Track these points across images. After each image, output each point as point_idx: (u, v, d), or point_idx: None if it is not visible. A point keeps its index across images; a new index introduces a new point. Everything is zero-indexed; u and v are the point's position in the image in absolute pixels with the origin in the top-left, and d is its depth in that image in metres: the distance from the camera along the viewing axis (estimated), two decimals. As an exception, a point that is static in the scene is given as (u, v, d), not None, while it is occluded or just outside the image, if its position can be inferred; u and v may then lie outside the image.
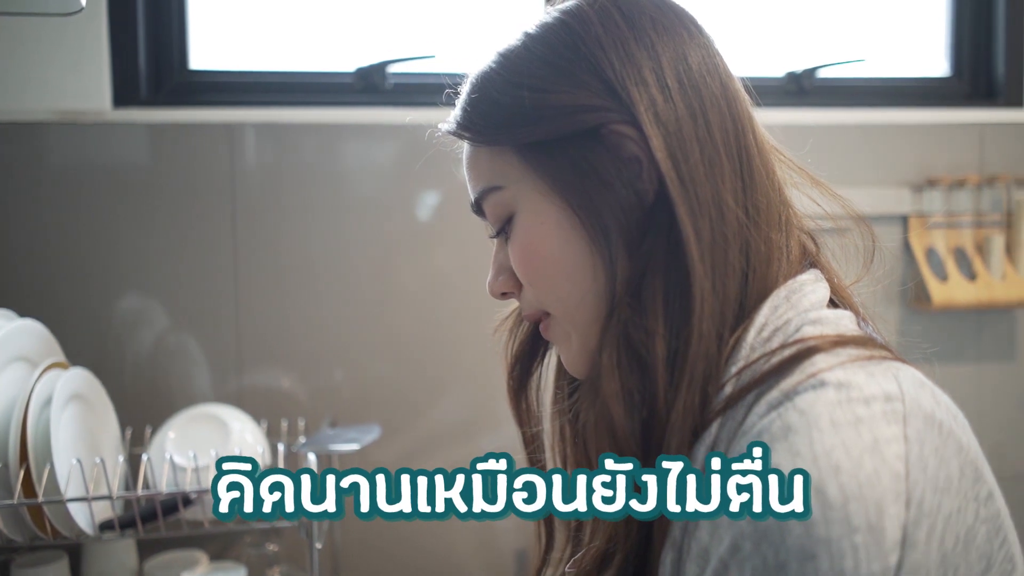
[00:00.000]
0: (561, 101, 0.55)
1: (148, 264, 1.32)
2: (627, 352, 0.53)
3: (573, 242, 0.56)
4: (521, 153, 0.57)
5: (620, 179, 0.54)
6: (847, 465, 0.43)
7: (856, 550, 0.41)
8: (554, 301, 0.59)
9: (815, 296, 0.55)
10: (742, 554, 0.44)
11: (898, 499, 0.43)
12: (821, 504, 0.42)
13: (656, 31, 0.56)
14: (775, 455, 0.45)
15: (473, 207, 0.64)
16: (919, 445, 0.45)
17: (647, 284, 0.53)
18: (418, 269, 1.39)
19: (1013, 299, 1.51)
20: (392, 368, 1.38)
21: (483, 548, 1.42)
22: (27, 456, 0.98)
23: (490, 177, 0.60)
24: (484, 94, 0.59)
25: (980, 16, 1.60)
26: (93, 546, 1.18)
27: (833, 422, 0.45)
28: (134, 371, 1.32)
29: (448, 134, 0.64)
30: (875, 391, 0.46)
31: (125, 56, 1.33)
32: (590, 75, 0.55)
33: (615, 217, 0.54)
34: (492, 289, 0.64)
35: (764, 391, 0.49)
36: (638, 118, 0.54)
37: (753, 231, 0.54)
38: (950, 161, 1.53)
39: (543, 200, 0.57)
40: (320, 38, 1.46)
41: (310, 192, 1.36)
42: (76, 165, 1.30)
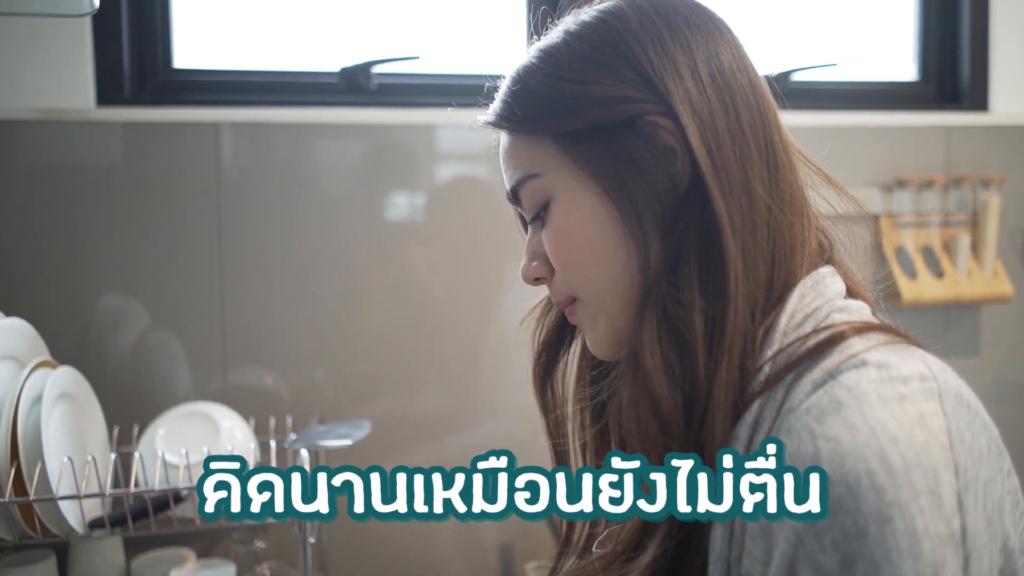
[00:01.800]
0: (600, 92, 0.58)
1: (133, 263, 1.32)
2: (667, 327, 0.55)
3: (608, 227, 0.59)
4: (559, 142, 0.60)
5: (656, 167, 0.57)
6: (903, 435, 0.46)
7: (923, 512, 0.44)
8: (585, 284, 0.61)
9: (836, 288, 0.59)
10: (817, 526, 0.45)
11: (948, 467, 0.46)
12: (887, 471, 0.44)
13: (690, 29, 0.60)
14: (830, 427, 0.47)
15: (509, 195, 0.66)
16: (956, 420, 0.48)
17: (683, 264, 0.56)
18: (402, 267, 1.41)
19: (978, 296, 1.56)
20: (376, 365, 1.39)
21: (467, 543, 1.44)
22: (17, 455, 0.98)
23: (528, 165, 0.62)
24: (524, 86, 0.62)
25: (946, 23, 1.65)
26: (80, 545, 1.18)
27: (881, 397, 0.47)
28: (120, 370, 1.32)
29: (487, 125, 0.65)
30: (910, 371, 0.50)
31: (109, 54, 1.33)
32: (628, 69, 0.58)
33: (650, 203, 0.57)
34: (526, 274, 0.66)
35: (803, 371, 0.52)
36: (675, 109, 0.57)
37: (779, 218, 0.58)
38: (918, 162, 1.58)
39: (580, 187, 0.60)
40: (305, 38, 1.47)
41: (294, 191, 1.37)
42: (59, 164, 1.30)
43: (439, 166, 1.42)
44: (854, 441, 0.45)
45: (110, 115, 1.31)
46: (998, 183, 1.57)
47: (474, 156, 1.43)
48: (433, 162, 1.42)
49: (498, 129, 0.65)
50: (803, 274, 0.58)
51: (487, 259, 1.42)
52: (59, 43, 1.29)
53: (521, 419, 1.42)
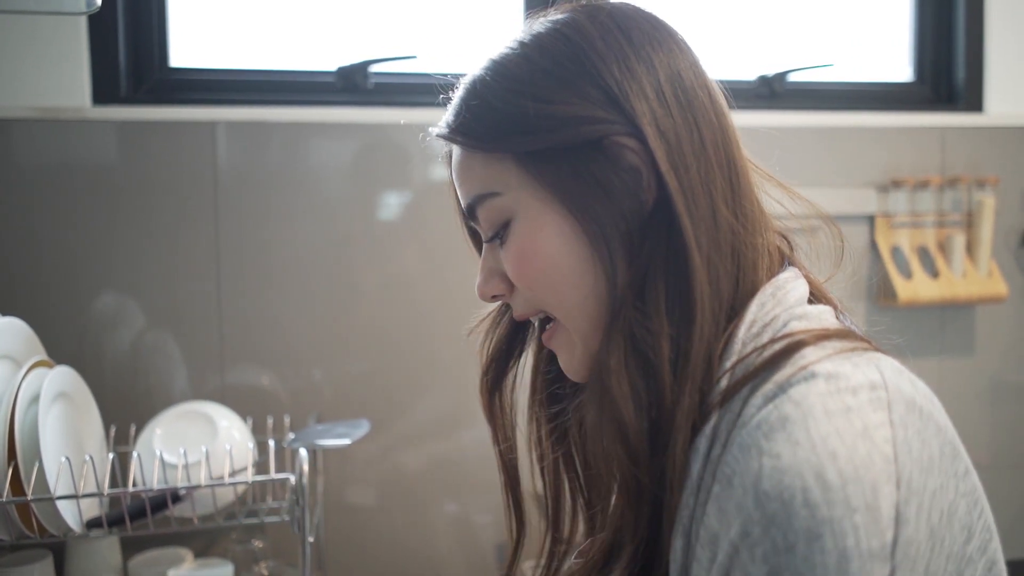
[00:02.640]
0: (564, 112, 0.56)
1: (129, 262, 1.32)
2: (634, 353, 0.55)
3: (574, 248, 0.58)
4: (520, 161, 0.58)
5: (622, 188, 0.56)
6: (842, 451, 0.46)
7: (856, 529, 0.44)
8: (557, 304, 0.60)
9: (797, 293, 0.58)
10: (752, 538, 0.46)
11: (890, 480, 0.46)
12: (822, 487, 0.45)
13: (651, 46, 0.59)
14: (775, 444, 0.47)
15: (465, 212, 0.64)
16: (903, 429, 0.48)
17: (649, 288, 0.55)
18: (399, 267, 1.41)
19: (973, 296, 1.57)
20: (373, 364, 1.39)
21: (464, 542, 1.44)
22: (15, 454, 0.98)
23: (486, 183, 0.60)
24: (483, 101, 0.60)
25: (941, 25, 1.66)
26: (77, 545, 1.18)
27: (826, 411, 0.47)
28: (117, 369, 1.31)
29: (441, 138, 0.64)
30: (860, 380, 0.49)
31: (105, 53, 1.33)
32: (593, 87, 0.57)
33: (616, 225, 0.56)
34: (483, 292, 0.65)
35: (758, 384, 0.52)
36: (642, 130, 0.56)
37: (742, 236, 0.57)
38: (914, 163, 1.59)
39: (543, 207, 0.58)
40: (301, 38, 1.46)
41: (292, 191, 1.36)
42: (55, 162, 1.29)
43: (436, 165, 1.42)
44: (794, 457, 0.46)
45: (106, 114, 1.30)
46: (993, 183, 1.58)
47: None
48: (430, 161, 1.42)
49: (452, 143, 0.63)
50: (764, 281, 0.58)
51: (484, 259, 1.42)
52: (55, 42, 1.28)
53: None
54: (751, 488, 0.47)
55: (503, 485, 0.72)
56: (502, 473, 0.72)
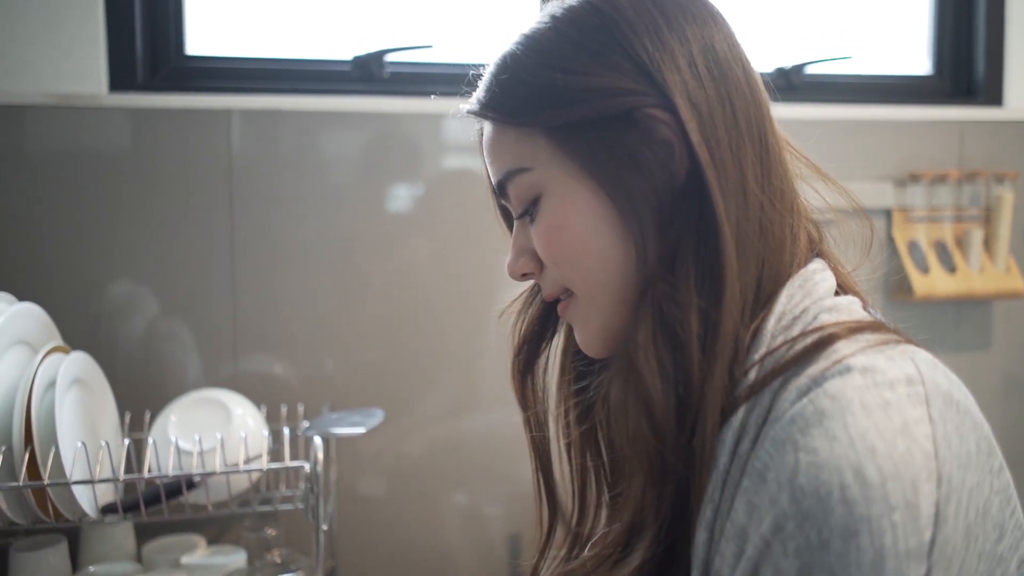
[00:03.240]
0: (595, 84, 0.55)
1: (144, 250, 1.32)
2: (662, 327, 0.54)
3: (604, 224, 0.57)
4: (551, 135, 0.57)
5: (653, 162, 0.55)
6: (882, 447, 0.45)
7: (895, 527, 0.43)
8: (579, 281, 0.59)
9: (826, 284, 0.57)
10: (785, 533, 0.45)
11: (930, 477, 0.45)
12: (861, 485, 0.44)
13: (685, 17, 0.58)
14: (812, 439, 0.46)
15: (495, 189, 0.63)
16: (942, 424, 0.47)
17: (679, 262, 0.54)
18: (412, 257, 1.40)
19: (990, 291, 1.56)
20: (385, 353, 1.39)
21: (475, 534, 1.44)
22: (31, 439, 0.98)
23: (517, 159, 0.60)
24: (513, 75, 0.59)
25: (961, 17, 1.64)
26: (91, 530, 1.19)
27: (864, 406, 0.46)
28: (131, 356, 1.32)
29: (472, 115, 0.63)
30: (897, 374, 0.48)
31: (121, 40, 1.33)
32: (624, 59, 0.56)
33: (647, 200, 0.55)
34: (513, 270, 0.64)
35: (790, 377, 0.51)
36: (673, 102, 0.55)
37: (771, 214, 0.56)
38: (931, 157, 1.57)
39: (573, 182, 0.57)
40: (317, 26, 1.46)
41: (306, 179, 1.36)
42: (72, 149, 1.29)
43: (449, 156, 1.42)
44: (832, 453, 0.45)
45: (122, 101, 1.30)
46: (1012, 178, 1.57)
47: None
48: (443, 152, 1.42)
49: (483, 119, 0.62)
50: (792, 271, 0.57)
51: (495, 249, 1.42)
52: (72, 28, 1.28)
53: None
54: (786, 483, 0.46)
55: (534, 470, 0.71)
56: (534, 457, 0.71)
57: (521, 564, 1.44)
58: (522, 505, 1.44)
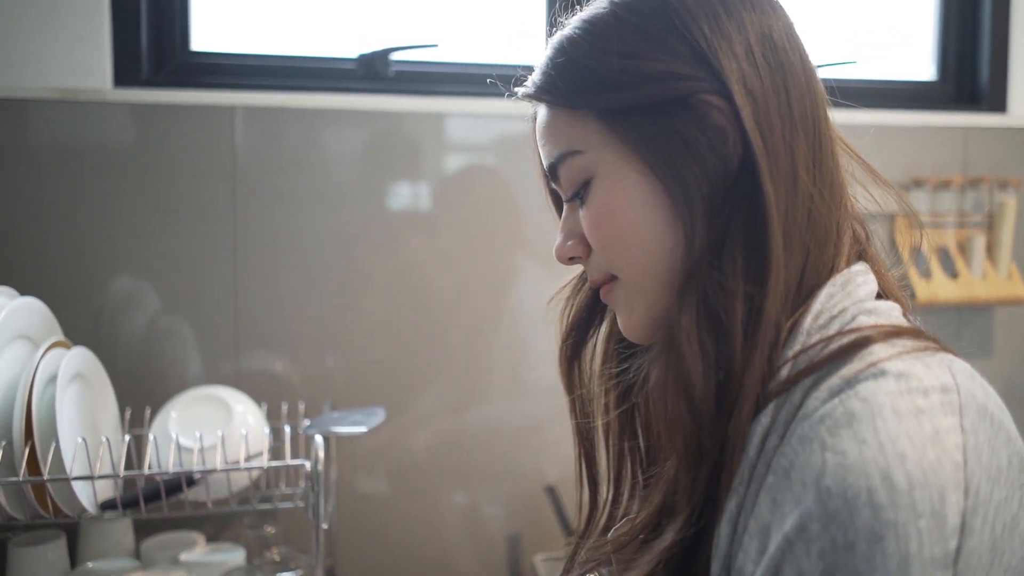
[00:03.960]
0: (651, 68, 0.55)
1: (146, 246, 1.31)
2: (707, 312, 0.54)
3: (654, 208, 0.57)
4: (604, 118, 0.57)
5: (706, 148, 0.55)
6: (912, 453, 0.45)
7: (920, 534, 0.43)
8: (626, 266, 0.59)
9: (868, 287, 0.57)
10: (809, 534, 0.45)
11: (958, 487, 0.45)
12: (888, 489, 0.44)
13: (744, 5, 0.57)
14: (840, 441, 0.46)
15: (547, 172, 0.63)
16: (974, 436, 0.47)
17: (727, 249, 0.54)
18: (414, 255, 1.40)
19: (992, 297, 1.56)
20: (387, 351, 1.39)
21: (475, 534, 1.43)
22: (32, 434, 0.98)
23: (570, 141, 0.60)
24: (570, 59, 0.59)
25: (966, 24, 1.64)
26: (90, 526, 1.18)
27: (895, 411, 0.46)
28: (132, 352, 1.31)
29: (526, 98, 0.63)
30: (932, 382, 0.48)
31: (126, 35, 1.32)
32: (681, 44, 0.55)
33: (698, 186, 0.55)
34: (560, 253, 0.64)
35: (823, 377, 0.50)
36: (729, 88, 0.55)
37: (820, 207, 0.56)
38: (935, 163, 1.57)
39: (625, 166, 0.57)
40: (322, 24, 1.46)
41: (310, 177, 1.36)
42: (75, 144, 1.29)
43: (452, 155, 1.42)
44: (860, 456, 0.45)
45: (126, 96, 1.30)
46: (1015, 185, 1.57)
47: (492, 146, 1.43)
48: (446, 151, 1.41)
49: (537, 102, 0.62)
50: (836, 268, 0.57)
51: (497, 247, 1.42)
52: (77, 23, 1.28)
53: (536, 404, 1.42)
54: (812, 483, 0.45)
55: (577, 455, 0.71)
56: (577, 443, 0.71)
57: (521, 564, 1.44)
58: (522, 504, 1.44)
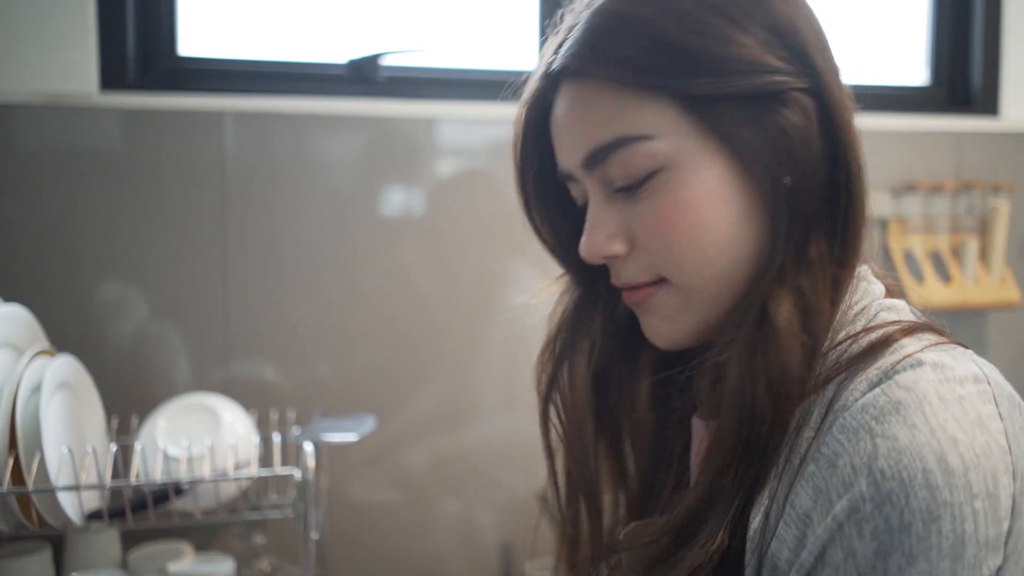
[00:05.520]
0: (747, 55, 0.52)
1: (134, 252, 1.30)
2: (802, 309, 0.53)
3: (735, 206, 0.54)
4: (686, 103, 0.53)
5: (799, 146, 0.53)
6: (963, 437, 0.45)
7: (976, 515, 0.44)
8: (692, 268, 0.55)
9: (879, 285, 0.58)
10: (861, 514, 0.45)
11: (1007, 470, 0.46)
12: (944, 471, 0.44)
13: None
14: (890, 426, 0.46)
15: (586, 160, 0.56)
16: (1011, 423, 0.48)
17: (811, 250, 0.53)
18: (406, 261, 1.39)
19: (986, 302, 1.56)
20: (379, 358, 1.38)
21: (467, 541, 1.42)
22: (16, 444, 0.96)
23: (637, 125, 0.53)
24: (642, 31, 0.53)
25: (958, 28, 1.64)
26: (76, 537, 1.16)
27: (941, 398, 0.47)
28: (119, 359, 1.30)
29: (568, 71, 0.55)
30: (965, 372, 0.49)
31: (113, 40, 1.31)
32: (770, 33, 0.53)
33: (786, 183, 0.53)
34: (600, 250, 0.57)
35: (856, 371, 0.51)
36: (825, 87, 0.54)
37: (866, 204, 0.57)
38: (928, 167, 1.57)
39: (708, 158, 0.53)
40: (313, 29, 1.45)
41: (299, 182, 1.35)
42: (61, 149, 1.27)
43: (444, 159, 1.41)
44: (913, 439, 0.45)
45: (113, 101, 1.29)
46: (1008, 189, 1.57)
47: (484, 150, 1.42)
48: (439, 155, 1.40)
49: (586, 77, 0.55)
50: None
51: (490, 252, 1.41)
52: (63, 27, 1.26)
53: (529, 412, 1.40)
54: (863, 467, 0.46)
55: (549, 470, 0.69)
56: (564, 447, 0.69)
57: (514, 572, 1.42)
58: (515, 513, 1.43)
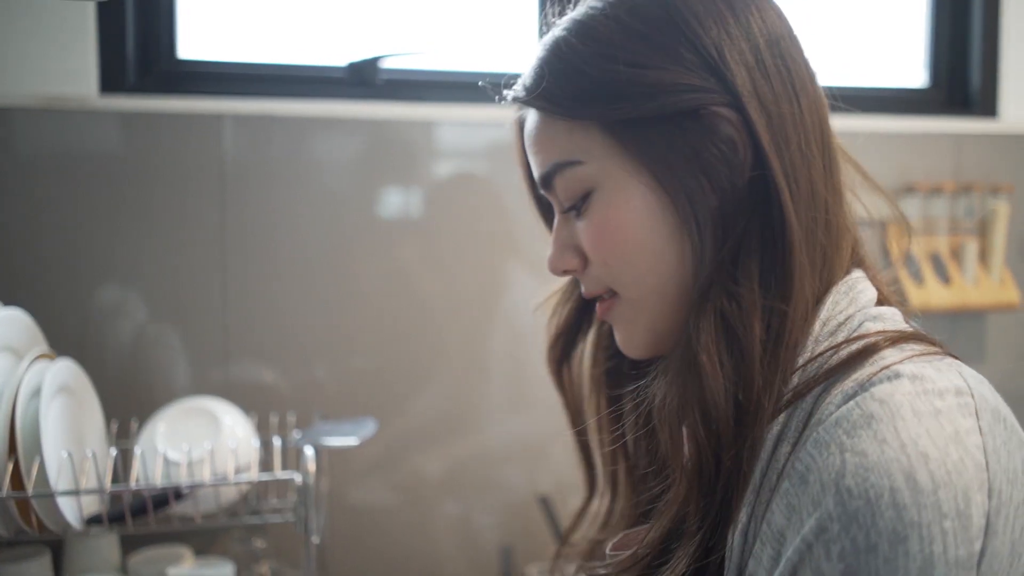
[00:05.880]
0: (660, 79, 0.53)
1: (133, 255, 1.29)
2: (725, 331, 0.52)
3: (660, 223, 0.55)
4: (609, 129, 0.55)
5: (718, 161, 0.53)
6: (935, 453, 0.44)
7: (945, 535, 0.42)
8: (630, 282, 0.57)
9: (869, 294, 0.56)
10: (829, 535, 0.44)
11: (982, 488, 0.44)
12: (912, 490, 0.43)
13: (749, 8, 0.55)
14: (859, 441, 0.45)
15: (540, 181, 0.60)
16: (992, 438, 0.46)
17: (742, 266, 0.53)
18: (405, 264, 1.39)
19: (985, 303, 1.56)
20: (377, 362, 1.37)
21: (467, 544, 1.42)
22: (15, 449, 0.96)
23: (568, 151, 0.57)
24: (569, 64, 0.56)
25: (957, 30, 1.64)
26: (75, 541, 1.16)
27: (915, 411, 0.45)
28: (119, 362, 1.29)
29: (518, 102, 0.59)
30: (946, 384, 0.48)
31: (113, 42, 1.30)
32: (690, 52, 0.53)
33: (708, 200, 0.53)
34: (555, 266, 0.62)
35: (834, 382, 0.50)
36: (742, 101, 0.53)
37: (834, 214, 0.55)
38: (927, 168, 1.57)
39: (630, 179, 0.55)
40: (312, 31, 1.45)
41: (299, 185, 1.34)
42: (60, 152, 1.27)
43: (444, 162, 1.41)
44: (882, 456, 0.44)
45: (112, 104, 1.28)
46: (1007, 191, 1.57)
47: (483, 153, 1.41)
48: (439, 158, 1.40)
49: (532, 108, 0.59)
50: (839, 276, 0.56)
51: (489, 255, 1.41)
52: (62, 29, 1.26)
53: (529, 413, 1.41)
54: (831, 484, 0.44)
55: (577, 449, 0.72)
56: (575, 439, 0.72)
57: (514, 575, 1.42)
58: (515, 515, 1.42)
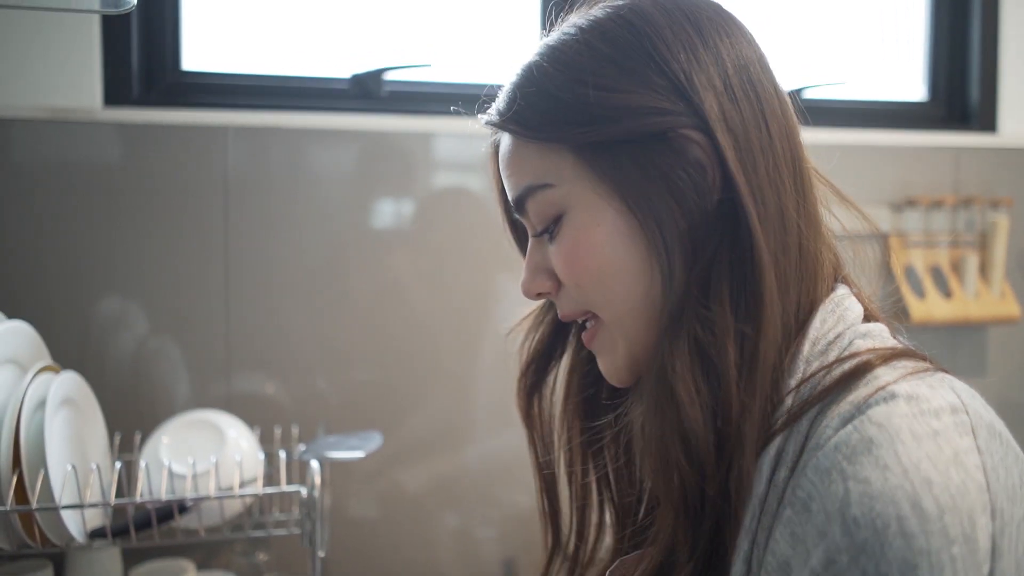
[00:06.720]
0: (629, 102, 0.54)
1: (137, 266, 1.29)
2: (699, 357, 0.52)
3: (631, 246, 0.55)
4: (578, 152, 0.55)
5: (686, 184, 0.53)
6: (937, 478, 0.43)
7: (954, 561, 0.42)
8: (604, 303, 0.57)
9: (856, 310, 0.56)
10: (838, 567, 0.43)
11: (985, 510, 0.43)
12: (919, 517, 0.42)
13: (719, 34, 0.56)
14: (862, 468, 0.44)
15: (513, 204, 0.61)
16: (990, 456, 0.46)
17: (713, 289, 0.52)
18: (408, 277, 1.39)
19: (986, 316, 1.56)
20: (378, 374, 1.37)
21: (469, 557, 1.41)
22: (19, 462, 0.95)
23: (540, 174, 0.57)
24: (540, 88, 0.56)
25: (956, 44, 1.66)
26: (77, 555, 1.15)
27: (914, 434, 0.45)
28: (121, 375, 1.29)
29: (491, 126, 0.60)
30: (941, 403, 0.47)
31: (117, 54, 1.31)
32: (659, 76, 0.54)
33: (676, 222, 0.53)
34: (528, 288, 0.62)
35: (829, 404, 0.49)
36: (709, 125, 0.53)
37: (806, 240, 0.55)
38: (927, 182, 1.58)
39: (600, 202, 0.55)
40: (316, 44, 1.45)
41: (303, 198, 1.35)
42: (65, 164, 1.27)
43: (446, 174, 1.41)
44: (885, 484, 0.43)
45: (117, 116, 1.28)
46: (1007, 205, 1.58)
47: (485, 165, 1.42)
48: (441, 170, 1.41)
49: (504, 132, 0.60)
50: (823, 296, 0.56)
51: (488, 267, 1.41)
52: (67, 42, 1.26)
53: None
54: (836, 514, 0.44)
55: (539, 491, 0.70)
56: (538, 478, 0.70)
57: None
58: (516, 529, 1.42)
